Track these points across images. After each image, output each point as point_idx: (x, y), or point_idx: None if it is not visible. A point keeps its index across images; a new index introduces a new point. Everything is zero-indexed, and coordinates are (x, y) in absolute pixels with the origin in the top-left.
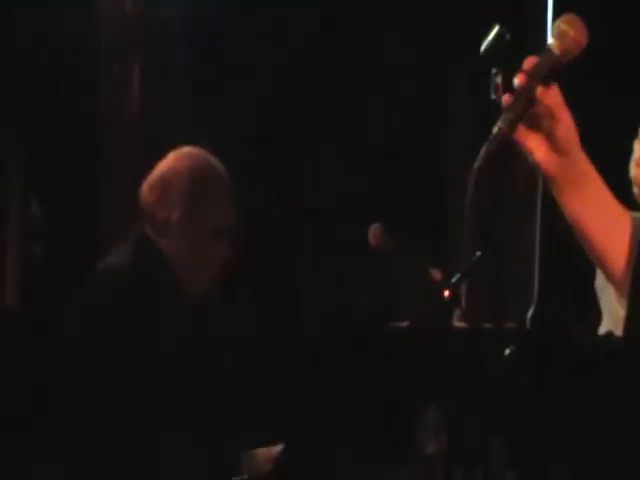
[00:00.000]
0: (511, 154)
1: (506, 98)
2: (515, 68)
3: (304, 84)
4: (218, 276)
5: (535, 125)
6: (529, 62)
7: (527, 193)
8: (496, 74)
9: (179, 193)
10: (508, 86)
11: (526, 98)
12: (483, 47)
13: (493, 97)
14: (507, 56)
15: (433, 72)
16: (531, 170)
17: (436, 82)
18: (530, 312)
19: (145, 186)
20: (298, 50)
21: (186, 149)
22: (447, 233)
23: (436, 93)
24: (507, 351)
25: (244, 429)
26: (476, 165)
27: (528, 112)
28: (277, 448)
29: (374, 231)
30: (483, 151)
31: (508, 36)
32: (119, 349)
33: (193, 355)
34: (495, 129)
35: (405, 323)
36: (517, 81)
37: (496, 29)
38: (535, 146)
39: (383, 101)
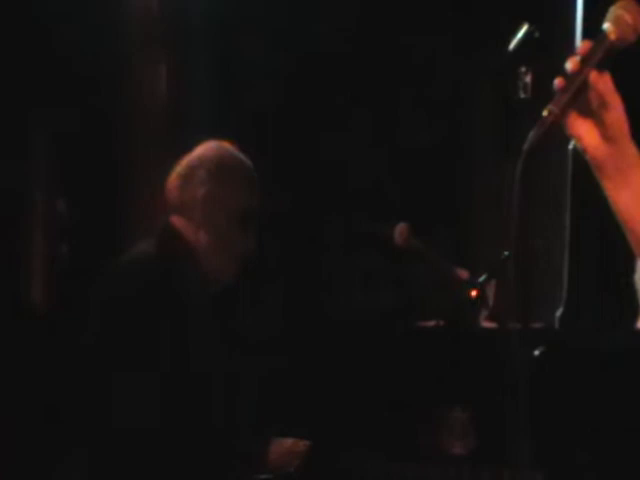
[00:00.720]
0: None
1: (558, 81)
2: (544, 67)
3: (330, 83)
4: (241, 268)
5: (585, 111)
6: (584, 46)
7: (556, 191)
8: (524, 72)
9: (205, 173)
10: (536, 84)
11: (579, 83)
12: (512, 45)
13: (522, 96)
14: (536, 54)
15: (458, 70)
16: None
17: (461, 80)
18: (559, 312)
19: (172, 175)
20: (324, 49)
21: (213, 142)
22: (471, 233)
23: (460, 93)
24: (536, 352)
25: (267, 426)
26: (525, 147)
27: (580, 97)
28: (304, 443)
29: (401, 230)
30: (533, 134)
31: (537, 34)
32: (141, 342)
33: (214, 347)
34: (545, 112)
35: (431, 323)
36: (570, 65)
37: (525, 27)
38: (584, 132)
39: (408, 100)
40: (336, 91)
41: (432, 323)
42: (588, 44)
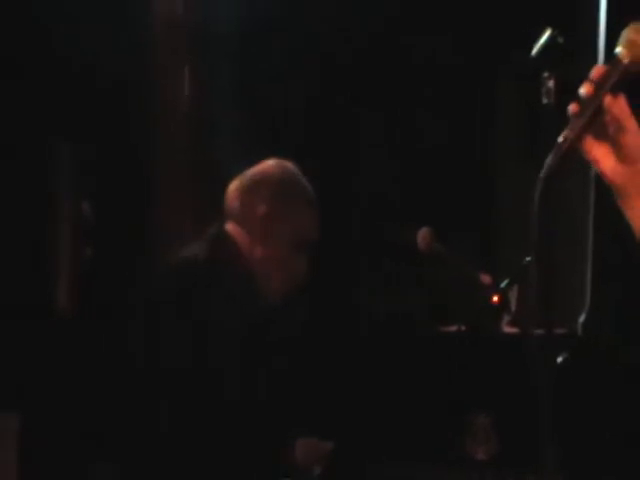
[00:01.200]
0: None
1: (573, 107)
2: (567, 72)
3: (353, 86)
4: (289, 292)
5: (601, 134)
6: (597, 71)
7: (580, 196)
8: (547, 78)
9: (268, 190)
10: (559, 90)
11: (593, 108)
12: (535, 50)
13: (545, 101)
14: (559, 60)
15: (482, 72)
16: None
17: (485, 82)
18: (582, 318)
19: (233, 185)
20: (346, 52)
21: (277, 160)
22: (493, 236)
23: (485, 94)
24: (560, 358)
25: (291, 426)
26: (542, 175)
27: (595, 122)
28: (329, 444)
29: (423, 235)
30: (549, 160)
31: (561, 39)
32: (180, 344)
33: (252, 351)
34: (561, 138)
35: (453, 328)
36: (584, 90)
37: (548, 32)
38: (601, 155)
39: (432, 102)
40: (358, 96)
41: (454, 328)
42: (601, 68)
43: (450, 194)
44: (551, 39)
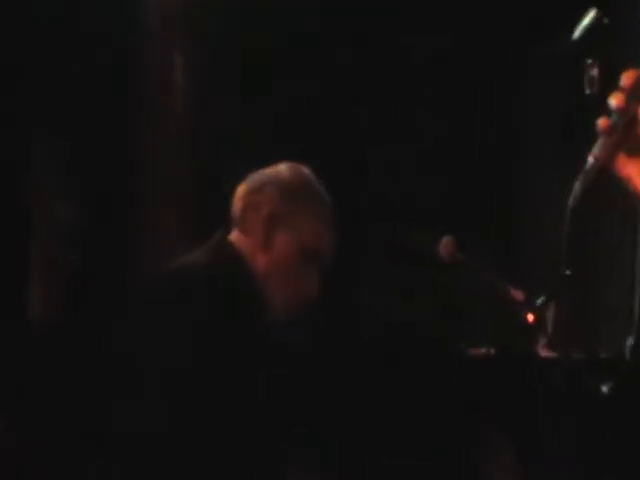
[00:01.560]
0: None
1: (602, 122)
2: (612, 58)
3: (353, 86)
4: (295, 312)
5: (634, 149)
6: (628, 78)
7: (627, 214)
8: (591, 65)
9: (274, 191)
10: (604, 78)
11: (625, 120)
12: (577, 33)
13: (588, 91)
14: (604, 44)
15: (483, 71)
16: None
17: (485, 82)
18: (630, 341)
19: (240, 187)
20: (346, 52)
21: (291, 162)
22: (527, 248)
23: (485, 93)
24: (604, 388)
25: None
26: (571, 204)
27: (628, 136)
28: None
29: (446, 244)
30: (578, 187)
31: (606, 21)
32: (179, 351)
33: (252, 356)
34: (590, 159)
35: (483, 350)
36: (614, 101)
37: (592, 13)
38: (634, 172)
39: (431, 102)
40: (358, 96)
41: (482, 350)
42: (633, 74)
43: (477, 201)
44: (595, 21)
